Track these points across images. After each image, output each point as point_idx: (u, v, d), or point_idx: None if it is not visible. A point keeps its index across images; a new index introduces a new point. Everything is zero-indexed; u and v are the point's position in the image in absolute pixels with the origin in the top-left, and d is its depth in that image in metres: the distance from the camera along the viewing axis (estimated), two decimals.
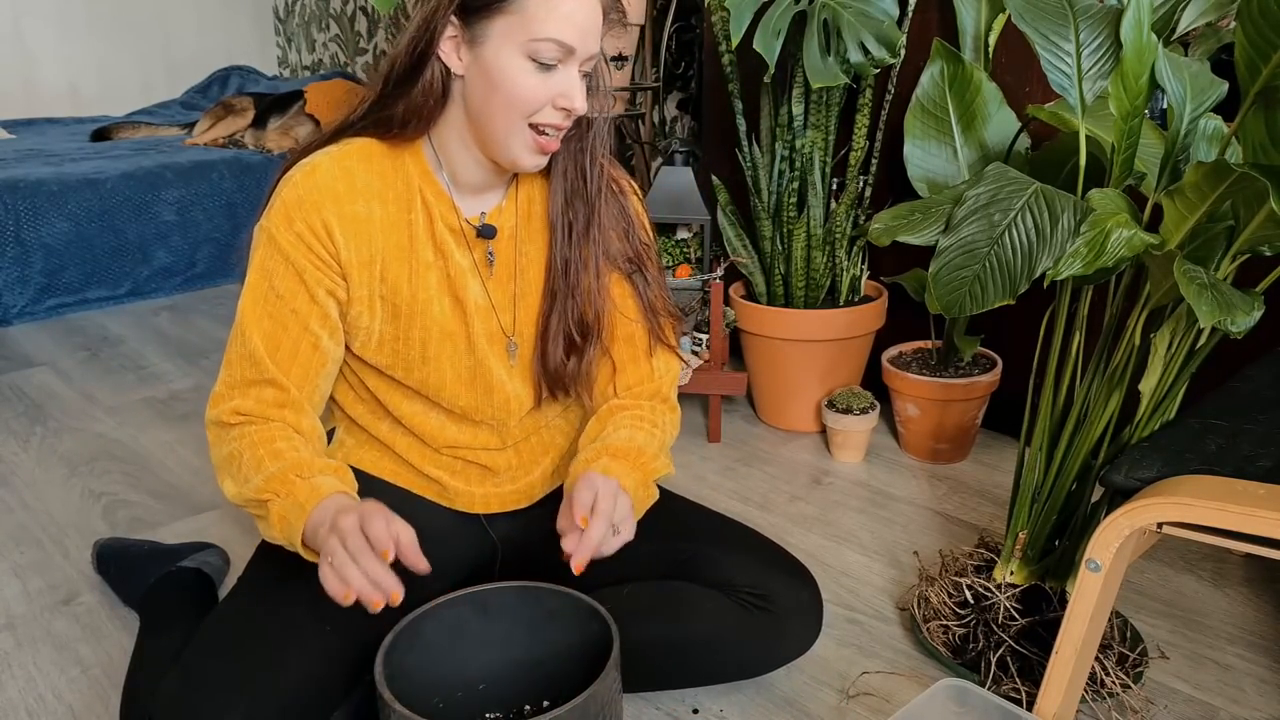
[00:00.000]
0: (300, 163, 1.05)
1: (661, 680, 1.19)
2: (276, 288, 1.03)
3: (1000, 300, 1.05)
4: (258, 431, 1.02)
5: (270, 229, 1.02)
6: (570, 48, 0.98)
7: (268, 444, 1.00)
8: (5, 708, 1.24)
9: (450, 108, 1.04)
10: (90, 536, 1.65)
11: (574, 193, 1.11)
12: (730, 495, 1.78)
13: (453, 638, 1.05)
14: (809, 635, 1.19)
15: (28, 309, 2.91)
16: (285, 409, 1.03)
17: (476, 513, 1.21)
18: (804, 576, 1.19)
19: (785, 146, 1.91)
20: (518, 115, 1.00)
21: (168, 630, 1.27)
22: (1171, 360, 1.10)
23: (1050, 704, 1.07)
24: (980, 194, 1.08)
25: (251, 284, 1.04)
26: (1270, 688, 1.24)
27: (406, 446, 1.18)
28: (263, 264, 1.03)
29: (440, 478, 1.19)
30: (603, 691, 0.91)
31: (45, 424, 2.14)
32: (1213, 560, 1.53)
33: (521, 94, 0.99)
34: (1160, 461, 0.99)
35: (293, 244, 1.02)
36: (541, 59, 0.98)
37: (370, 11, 4.30)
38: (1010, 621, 1.22)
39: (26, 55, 4.35)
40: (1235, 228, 1.02)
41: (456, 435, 1.17)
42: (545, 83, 0.99)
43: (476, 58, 0.99)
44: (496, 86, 0.99)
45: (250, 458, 1.00)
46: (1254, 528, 0.88)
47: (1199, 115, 1.07)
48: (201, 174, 3.23)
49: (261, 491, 0.98)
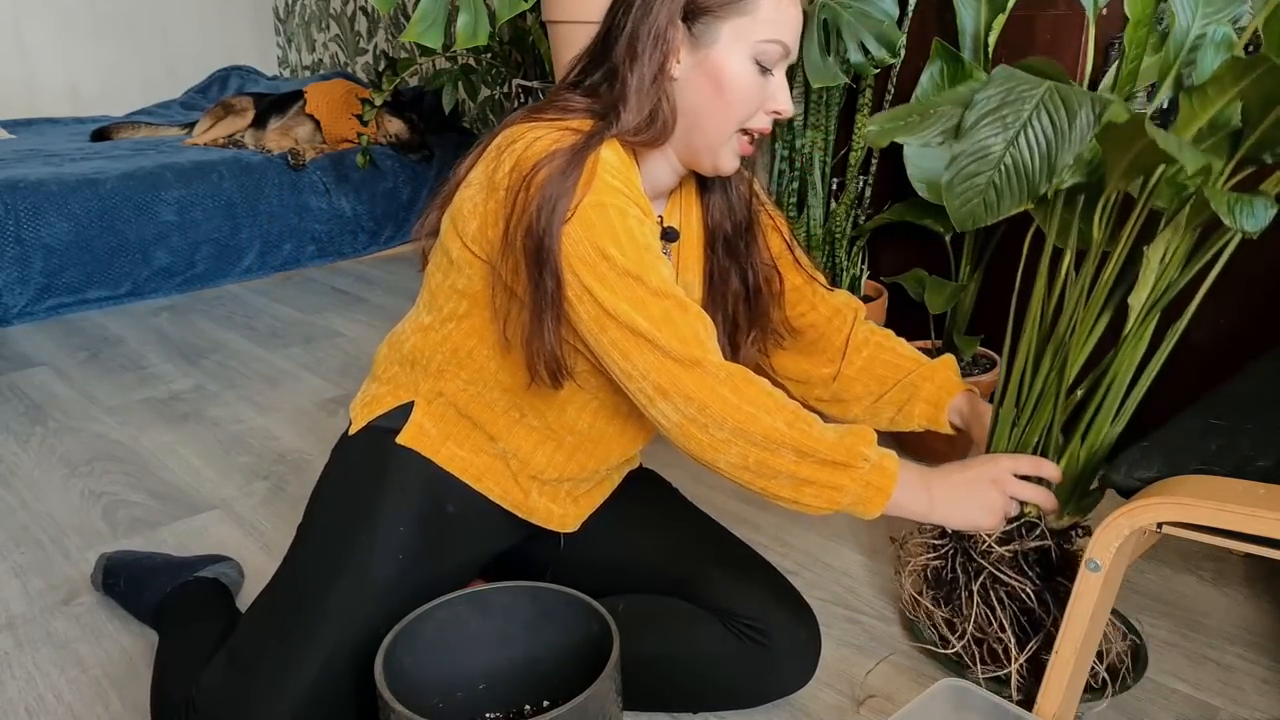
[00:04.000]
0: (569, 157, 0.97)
1: (649, 698, 1.17)
2: (639, 240, 0.95)
3: (1017, 205, 1.02)
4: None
5: (597, 202, 0.94)
6: (789, 48, 0.99)
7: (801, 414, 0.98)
8: (5, 708, 1.24)
9: None
10: (90, 537, 1.65)
11: (727, 206, 1.14)
12: (730, 494, 1.78)
13: (452, 638, 1.05)
14: (803, 675, 1.17)
15: (28, 309, 2.91)
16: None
17: (551, 528, 1.19)
18: (804, 615, 1.17)
19: (785, 146, 1.90)
20: (735, 119, 1.00)
21: (192, 627, 1.24)
22: (1164, 271, 1.06)
23: (1050, 704, 1.07)
24: (991, 95, 1.03)
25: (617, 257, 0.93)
26: (1270, 687, 1.24)
27: (514, 448, 1.12)
28: (613, 234, 0.94)
29: (529, 490, 1.15)
30: (602, 692, 0.91)
31: (45, 424, 2.14)
32: (1213, 560, 1.53)
33: (745, 97, 0.99)
34: (1160, 461, 0.99)
35: (624, 201, 0.96)
36: (765, 61, 0.99)
37: (370, 11, 4.30)
38: (990, 549, 1.16)
39: (26, 55, 4.35)
40: (1243, 132, 0.98)
41: (609, 430, 1.14)
42: (764, 87, 1.00)
43: (700, 61, 0.99)
44: (722, 90, 0.98)
45: (808, 425, 0.96)
46: (1254, 528, 0.88)
47: (1210, 23, 1.04)
48: (201, 174, 3.23)
49: (841, 453, 0.96)
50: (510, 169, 0.97)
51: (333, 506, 1.12)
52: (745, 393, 0.95)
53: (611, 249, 0.93)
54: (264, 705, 0.97)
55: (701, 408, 0.93)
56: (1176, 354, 1.79)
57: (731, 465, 0.96)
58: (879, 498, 0.96)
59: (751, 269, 1.17)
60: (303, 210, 3.43)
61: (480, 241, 1.01)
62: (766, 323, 1.21)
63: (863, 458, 0.96)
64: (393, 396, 1.13)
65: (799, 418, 0.96)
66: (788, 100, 1.02)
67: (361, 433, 1.14)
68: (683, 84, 1.00)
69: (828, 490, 0.96)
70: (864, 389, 1.24)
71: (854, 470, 0.95)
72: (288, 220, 3.41)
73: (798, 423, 0.95)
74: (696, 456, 0.97)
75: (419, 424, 1.11)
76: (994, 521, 1.04)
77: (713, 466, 0.97)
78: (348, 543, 1.07)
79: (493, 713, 1.11)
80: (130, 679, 1.28)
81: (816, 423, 0.97)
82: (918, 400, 1.21)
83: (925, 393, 1.21)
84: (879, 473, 0.96)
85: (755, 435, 0.94)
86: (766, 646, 1.12)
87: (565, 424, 1.11)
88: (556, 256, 0.94)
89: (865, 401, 1.25)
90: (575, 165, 0.94)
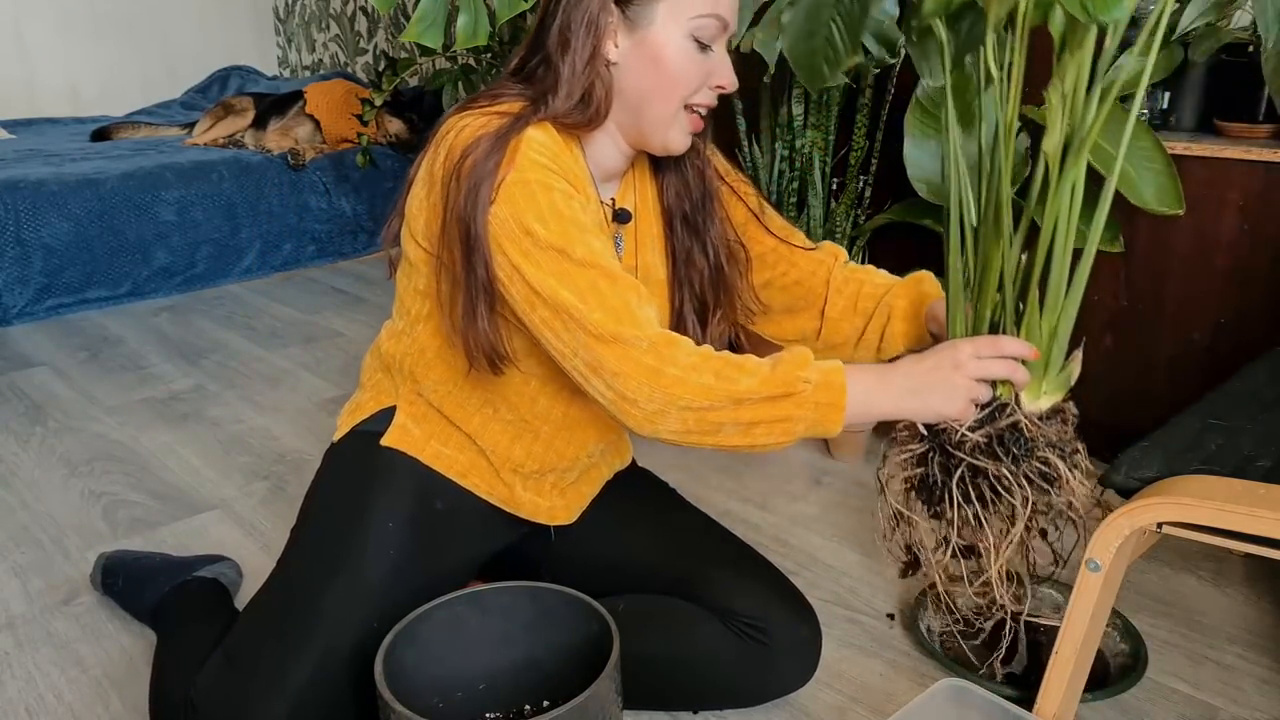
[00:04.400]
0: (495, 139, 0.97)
1: (649, 697, 1.17)
2: (565, 214, 0.95)
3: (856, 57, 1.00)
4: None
5: (520, 179, 0.94)
6: (727, 22, 1.00)
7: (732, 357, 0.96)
8: (5, 708, 1.24)
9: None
10: (90, 537, 1.65)
11: (683, 185, 1.13)
12: (730, 495, 1.78)
13: (452, 638, 1.05)
14: (804, 674, 1.17)
15: (28, 309, 2.91)
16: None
17: (541, 522, 1.20)
18: (805, 614, 1.17)
19: (785, 146, 1.90)
20: (679, 97, 1.01)
21: (190, 628, 1.24)
22: (1069, 109, 1.01)
23: (1050, 704, 1.07)
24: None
25: (541, 232, 0.93)
26: (1270, 687, 1.24)
27: (493, 444, 1.14)
28: (537, 210, 0.94)
29: (513, 484, 1.16)
30: (602, 692, 0.91)
31: (45, 424, 2.14)
32: (1213, 560, 1.53)
33: (685, 74, 1.00)
34: (1160, 461, 0.99)
35: (549, 176, 0.96)
36: (702, 37, 0.99)
37: (370, 11, 4.30)
38: (964, 439, 1.05)
39: (26, 55, 4.35)
40: None
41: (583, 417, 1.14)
42: (704, 63, 1.01)
43: (637, 42, 0.99)
44: (661, 69, 0.99)
45: (738, 371, 0.94)
46: (1254, 528, 0.88)
47: None
48: (201, 174, 3.23)
49: (782, 384, 0.93)
50: (443, 159, 0.98)
51: (324, 508, 1.14)
52: (668, 357, 0.92)
53: (535, 225, 0.93)
54: (262, 704, 0.97)
55: (626, 382, 0.92)
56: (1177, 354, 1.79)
57: (674, 433, 0.94)
58: (833, 413, 0.94)
59: (714, 245, 1.16)
60: (303, 210, 3.43)
61: (429, 236, 1.03)
62: (735, 296, 1.20)
63: (802, 380, 0.93)
64: (375, 402, 1.16)
65: (727, 365, 0.94)
66: (730, 74, 1.03)
67: (347, 438, 1.16)
68: (622, 67, 1.01)
69: (778, 424, 0.94)
70: (850, 327, 1.21)
71: (797, 396, 0.93)
72: (288, 220, 3.41)
73: (726, 370, 0.93)
74: (638, 430, 0.96)
75: (402, 425, 1.13)
76: (960, 407, 0.98)
77: (657, 437, 0.95)
78: (340, 542, 1.08)
79: (493, 713, 1.10)
80: (130, 679, 1.28)
81: (749, 363, 0.95)
82: (895, 319, 1.18)
83: (900, 309, 1.17)
84: (825, 389, 0.93)
85: (685, 398, 0.92)
86: (767, 645, 1.12)
87: (539, 414, 1.12)
88: (485, 240, 0.95)
89: (854, 338, 1.22)
90: (499, 147, 0.95)
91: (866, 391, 0.95)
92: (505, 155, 0.95)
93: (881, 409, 0.97)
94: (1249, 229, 1.58)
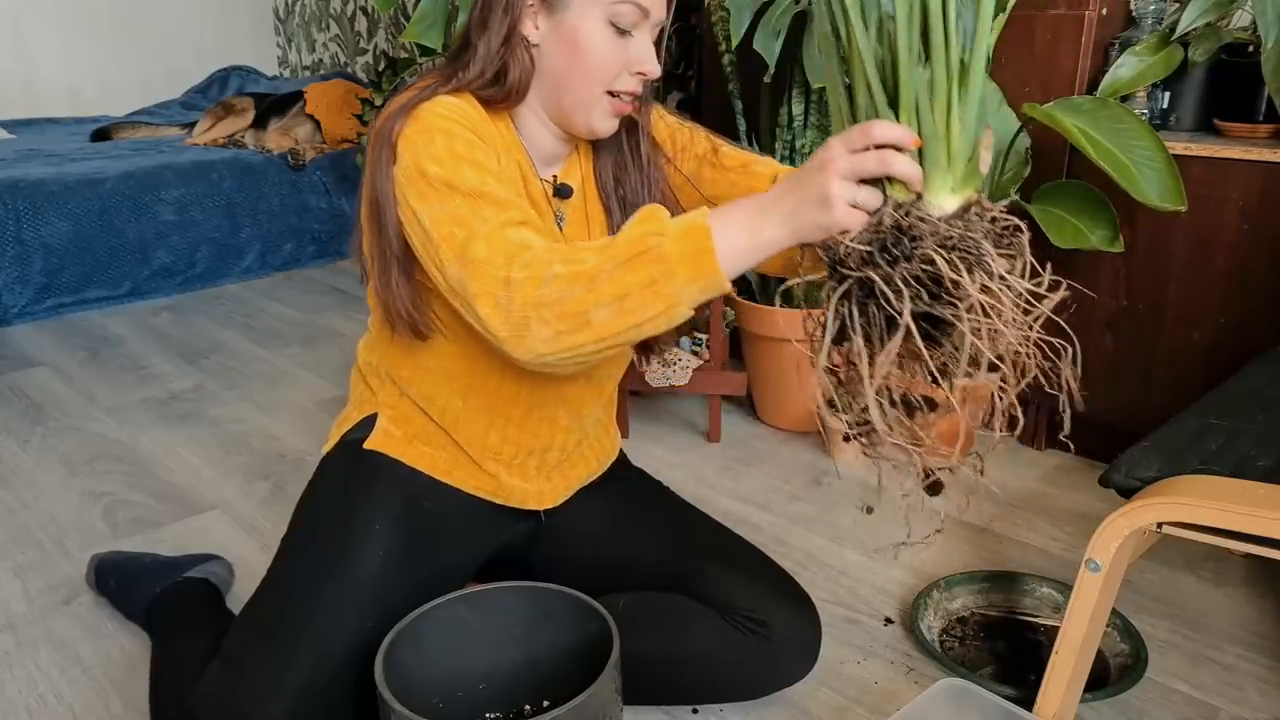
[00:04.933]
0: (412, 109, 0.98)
1: (649, 694, 1.18)
2: (463, 155, 0.94)
3: None
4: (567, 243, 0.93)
5: (419, 128, 0.95)
6: (646, 9, 0.99)
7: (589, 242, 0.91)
8: (5, 708, 1.24)
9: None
10: (91, 537, 1.65)
11: (620, 166, 1.13)
12: (730, 495, 1.78)
13: (452, 638, 1.05)
14: (804, 665, 1.17)
15: (28, 309, 2.91)
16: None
17: (530, 508, 1.21)
18: (805, 605, 1.17)
19: (785, 146, 1.90)
20: (596, 82, 1.01)
21: (184, 635, 1.25)
22: None
23: (1050, 704, 1.07)
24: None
25: (433, 170, 0.92)
26: (1271, 688, 1.24)
27: (469, 436, 1.14)
28: (433, 152, 0.93)
29: (498, 473, 1.17)
30: (603, 691, 0.91)
31: (45, 424, 2.14)
32: (1213, 560, 1.53)
33: (602, 60, 0.99)
34: (1160, 461, 1.00)
35: (453, 125, 0.96)
36: (621, 24, 0.99)
37: (370, 11, 4.30)
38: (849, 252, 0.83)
39: (26, 55, 4.35)
40: None
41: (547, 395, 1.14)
42: (624, 49, 1.01)
43: (555, 25, 1.00)
44: (578, 54, 0.99)
45: (586, 251, 0.87)
46: (1254, 528, 0.88)
47: None
48: (201, 174, 3.23)
49: (635, 243, 0.85)
50: (370, 145, 1.01)
51: (313, 513, 1.15)
52: (519, 262, 0.87)
53: (429, 164, 0.93)
54: (261, 708, 0.97)
55: (484, 302, 0.88)
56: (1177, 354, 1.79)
57: (548, 343, 0.87)
58: (705, 257, 0.83)
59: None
60: (303, 210, 3.43)
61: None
62: None
63: (653, 235, 0.85)
64: (359, 412, 1.19)
65: (575, 249, 0.88)
66: (653, 61, 1.01)
67: (336, 447, 1.19)
68: (543, 49, 1.02)
69: (648, 289, 0.84)
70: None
71: (653, 252, 0.84)
72: (288, 220, 3.41)
73: (573, 254, 0.87)
74: (517, 356, 0.89)
75: (384, 429, 1.15)
76: (837, 213, 0.80)
77: (542, 360, 0.89)
78: (330, 545, 1.08)
79: (493, 713, 1.10)
80: (130, 679, 1.28)
81: (600, 240, 0.89)
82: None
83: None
84: (686, 237, 0.84)
85: (537, 295, 0.86)
86: (768, 638, 1.13)
87: (506, 399, 1.12)
88: (391, 198, 0.96)
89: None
90: (403, 113, 0.97)
91: (739, 226, 0.84)
92: (409, 117, 0.97)
93: (764, 238, 0.84)
94: (1249, 229, 1.58)
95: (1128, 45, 1.67)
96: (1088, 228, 1.62)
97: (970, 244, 0.79)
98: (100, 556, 1.48)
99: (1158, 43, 1.65)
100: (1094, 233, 1.62)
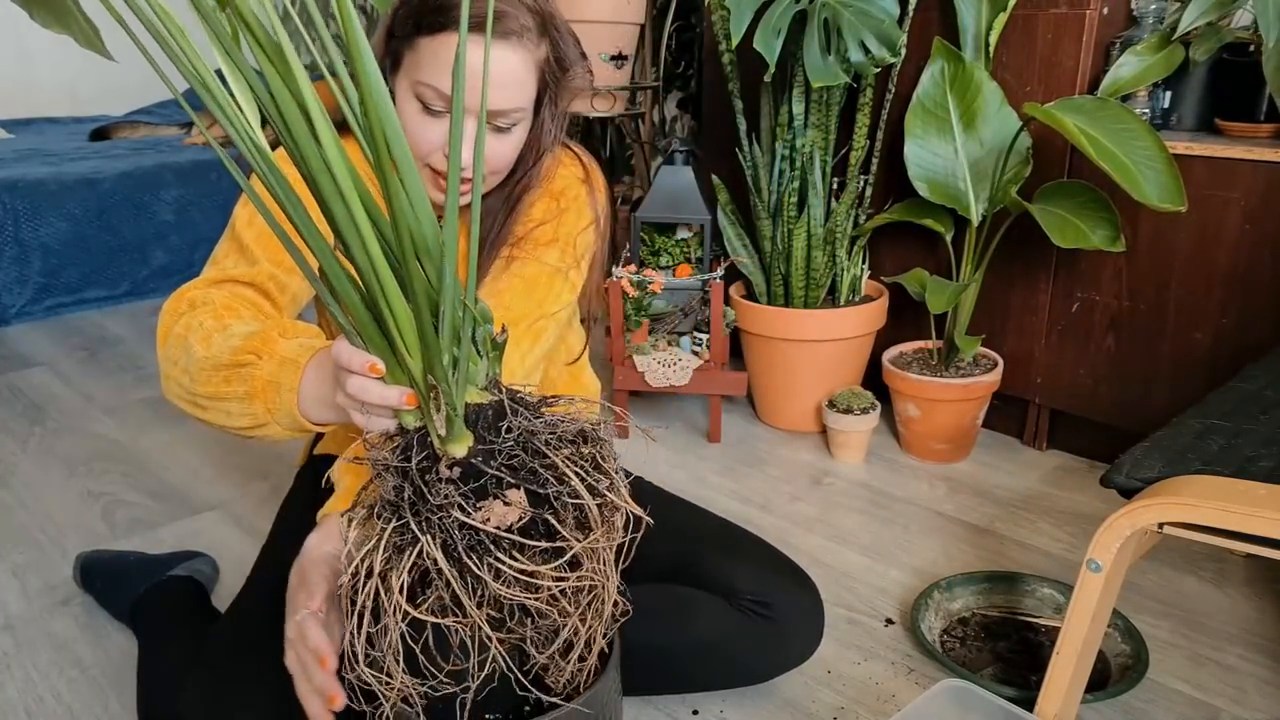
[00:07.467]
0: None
1: (659, 684, 1.19)
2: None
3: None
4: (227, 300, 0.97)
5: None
6: (444, 96, 0.94)
7: (236, 311, 0.94)
8: (4, 708, 1.23)
9: None
10: (89, 537, 1.64)
11: (491, 241, 1.09)
12: (730, 495, 1.77)
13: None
14: (810, 644, 1.18)
15: (26, 309, 2.91)
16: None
17: None
18: (807, 585, 1.18)
19: (785, 146, 1.90)
20: (415, 154, 0.99)
21: (171, 637, 1.25)
22: None
23: (1050, 705, 1.06)
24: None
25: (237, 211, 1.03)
26: (1272, 688, 1.24)
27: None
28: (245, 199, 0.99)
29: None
30: (603, 691, 0.91)
31: (44, 424, 2.14)
32: (1214, 560, 1.52)
33: (411, 135, 0.96)
34: (1161, 462, 0.99)
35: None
36: (424, 100, 0.96)
37: (370, 11, 4.30)
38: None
39: (26, 55, 4.35)
40: None
41: None
42: (432, 127, 0.97)
43: (394, 86, 1.00)
44: (401, 120, 0.97)
45: (214, 325, 0.90)
46: (1256, 528, 0.88)
47: None
48: (200, 174, 3.23)
49: (238, 353, 0.84)
50: None
51: (281, 522, 1.23)
52: (183, 318, 0.93)
53: (242, 211, 1.01)
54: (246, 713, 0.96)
55: (160, 333, 0.95)
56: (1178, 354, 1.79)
57: (178, 402, 0.91)
58: (287, 395, 0.82)
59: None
60: None
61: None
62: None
63: (255, 353, 0.85)
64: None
65: (210, 334, 0.89)
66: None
67: (307, 458, 1.29)
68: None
69: (236, 403, 0.84)
70: None
71: (249, 369, 0.84)
72: None
73: (207, 338, 0.89)
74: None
75: (331, 433, 1.22)
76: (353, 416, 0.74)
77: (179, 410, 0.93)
78: (295, 548, 1.07)
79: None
80: (129, 679, 1.27)
81: (238, 326, 0.89)
82: None
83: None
84: (282, 367, 0.82)
85: (166, 357, 0.91)
86: (772, 619, 1.13)
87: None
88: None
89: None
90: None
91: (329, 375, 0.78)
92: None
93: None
94: (1251, 229, 1.58)
95: (1129, 45, 1.67)
96: (1089, 228, 1.62)
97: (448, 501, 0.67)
98: (84, 556, 1.48)
99: (1159, 42, 1.65)
100: (1095, 233, 1.62)
